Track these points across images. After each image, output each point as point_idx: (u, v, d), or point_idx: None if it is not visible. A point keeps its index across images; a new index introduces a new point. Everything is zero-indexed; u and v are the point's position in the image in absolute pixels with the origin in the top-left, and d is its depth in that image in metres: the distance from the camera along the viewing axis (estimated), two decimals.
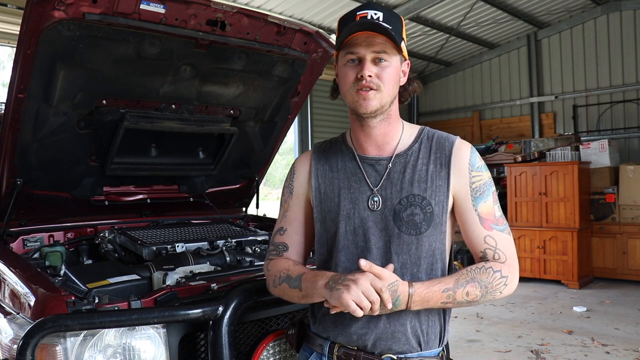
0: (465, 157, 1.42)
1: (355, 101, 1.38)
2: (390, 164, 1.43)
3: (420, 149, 1.44)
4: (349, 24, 1.36)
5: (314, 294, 1.35)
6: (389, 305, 1.26)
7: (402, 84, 1.44)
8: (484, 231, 1.39)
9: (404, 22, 1.41)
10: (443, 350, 1.45)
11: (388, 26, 1.33)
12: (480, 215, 1.40)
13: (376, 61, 1.35)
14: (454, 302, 1.33)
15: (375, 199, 1.41)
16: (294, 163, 1.59)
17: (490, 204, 1.41)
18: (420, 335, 1.39)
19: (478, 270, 1.35)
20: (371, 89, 1.35)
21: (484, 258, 1.40)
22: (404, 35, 1.41)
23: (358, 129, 1.46)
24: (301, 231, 1.54)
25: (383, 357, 1.38)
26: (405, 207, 1.38)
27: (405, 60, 1.43)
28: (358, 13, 1.36)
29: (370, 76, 1.34)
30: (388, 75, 1.36)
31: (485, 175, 1.43)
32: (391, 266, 1.32)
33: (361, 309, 1.23)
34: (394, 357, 1.37)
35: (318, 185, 1.49)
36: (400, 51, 1.38)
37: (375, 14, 1.35)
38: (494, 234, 1.40)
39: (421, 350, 1.39)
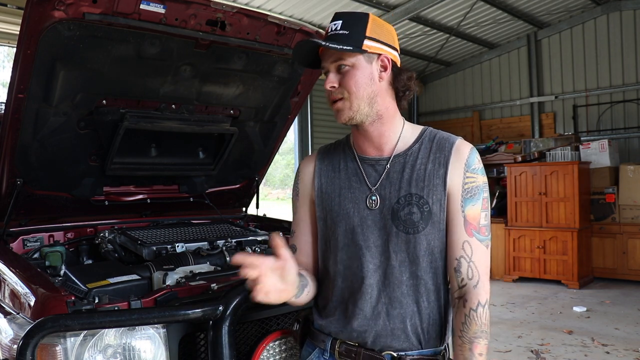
0: (463, 156, 1.40)
1: (334, 114, 1.42)
2: (388, 164, 1.43)
3: (420, 149, 1.43)
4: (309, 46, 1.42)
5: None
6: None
7: (384, 79, 1.41)
8: (464, 235, 1.38)
9: (370, 18, 1.39)
10: (445, 349, 1.45)
11: (345, 32, 1.36)
12: (466, 218, 1.38)
13: (339, 68, 1.39)
14: None
15: (373, 197, 1.42)
16: (299, 166, 1.62)
17: (478, 209, 1.39)
18: (420, 333, 1.39)
19: (467, 325, 1.35)
20: (337, 99, 1.39)
21: (457, 270, 1.38)
22: (372, 32, 1.38)
23: (355, 132, 1.48)
24: (308, 231, 1.56)
25: (383, 353, 1.38)
26: (403, 206, 1.39)
27: (380, 55, 1.40)
28: (326, 29, 1.42)
29: (333, 87, 1.38)
30: (350, 78, 1.37)
31: (480, 179, 1.40)
32: None
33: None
34: (394, 354, 1.38)
35: (320, 185, 1.51)
36: (363, 51, 1.36)
37: (335, 24, 1.39)
38: (472, 241, 1.37)
39: (422, 348, 1.40)
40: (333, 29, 1.39)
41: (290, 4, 6.80)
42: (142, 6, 1.92)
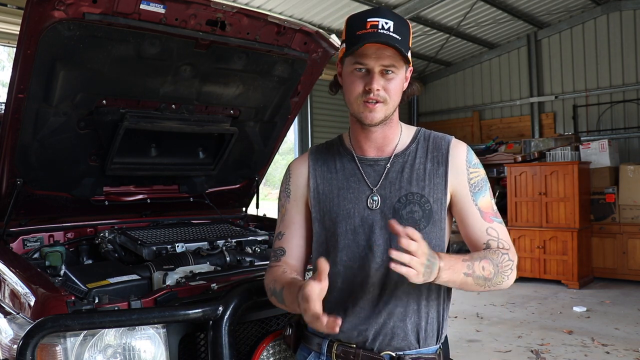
0: (462, 154, 1.45)
1: (361, 112, 1.38)
2: (388, 164, 1.45)
3: (418, 148, 1.46)
4: (359, 30, 1.34)
5: (295, 310, 1.33)
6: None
7: (404, 89, 1.45)
8: (485, 224, 1.44)
9: (411, 30, 1.41)
10: (440, 347, 1.46)
11: (398, 37, 1.32)
12: (481, 209, 1.44)
13: (383, 73, 1.35)
14: (472, 276, 1.33)
15: (375, 198, 1.42)
16: (289, 166, 1.59)
17: (488, 198, 1.46)
18: (419, 332, 1.40)
19: (488, 251, 1.41)
20: (378, 101, 1.36)
21: (488, 249, 1.43)
22: (410, 44, 1.41)
23: (359, 132, 1.47)
24: (300, 234, 1.54)
25: (382, 354, 1.39)
26: (404, 205, 1.40)
27: (409, 68, 1.44)
28: (368, 20, 1.33)
29: (378, 90, 1.35)
30: (394, 87, 1.37)
31: (481, 172, 1.48)
32: (417, 235, 1.18)
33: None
34: (393, 354, 1.38)
35: (317, 186, 1.50)
36: (408, 62, 1.38)
37: (387, 23, 1.33)
38: (494, 225, 1.44)
39: (419, 347, 1.40)
40: (385, 27, 1.32)
41: (290, 4, 6.80)
42: (142, 6, 1.92)
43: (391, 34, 1.32)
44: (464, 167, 1.44)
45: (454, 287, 1.38)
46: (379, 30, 1.32)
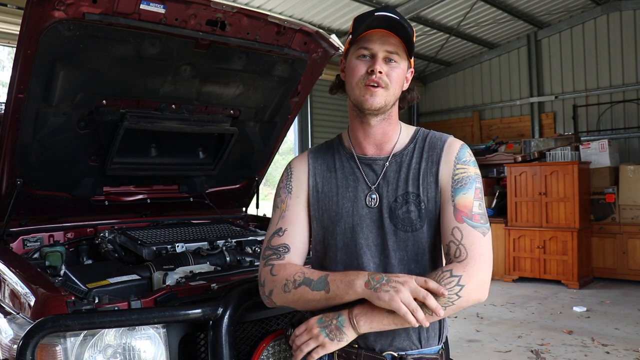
0: (454, 151, 1.44)
1: (361, 95, 1.39)
2: (387, 163, 1.45)
3: (415, 148, 1.47)
4: (367, 20, 1.38)
5: (346, 294, 1.30)
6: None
7: (404, 89, 1.47)
8: (453, 222, 1.37)
9: (414, 33, 1.44)
10: (442, 347, 1.46)
11: (407, 28, 1.37)
12: (456, 206, 1.38)
13: (387, 60, 1.39)
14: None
15: (373, 196, 1.43)
16: (289, 164, 1.59)
17: (469, 197, 1.39)
18: (420, 332, 1.40)
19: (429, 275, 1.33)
20: (379, 86, 1.38)
21: (447, 254, 1.38)
22: (414, 43, 1.44)
23: (358, 127, 1.47)
24: (301, 230, 1.51)
25: (384, 354, 1.39)
26: (401, 205, 1.40)
27: (411, 68, 1.47)
28: (376, 13, 1.38)
29: (380, 72, 1.37)
30: (396, 75, 1.40)
31: (471, 170, 1.42)
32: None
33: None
34: (395, 354, 1.38)
35: (316, 184, 1.51)
36: (409, 57, 1.42)
37: (394, 17, 1.38)
38: (463, 227, 1.35)
39: (421, 347, 1.41)
40: (392, 20, 1.37)
41: (290, 4, 6.80)
42: (142, 6, 1.92)
43: (402, 24, 1.37)
44: (452, 162, 1.43)
45: (384, 329, 1.31)
46: (395, 19, 1.37)
